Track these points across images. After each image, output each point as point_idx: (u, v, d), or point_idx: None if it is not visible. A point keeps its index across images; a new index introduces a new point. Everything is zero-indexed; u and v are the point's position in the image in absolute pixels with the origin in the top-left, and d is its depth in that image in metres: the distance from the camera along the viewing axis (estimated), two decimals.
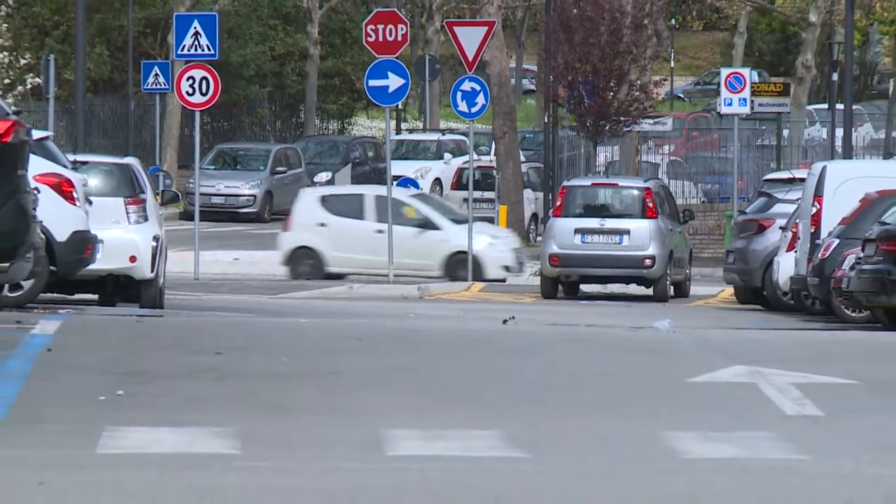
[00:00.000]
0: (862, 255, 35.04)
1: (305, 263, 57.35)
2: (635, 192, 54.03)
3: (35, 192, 25.89)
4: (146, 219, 36.61)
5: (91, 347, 20.88)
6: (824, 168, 43.32)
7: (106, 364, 19.23)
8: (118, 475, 13.50)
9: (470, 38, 57.37)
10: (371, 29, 55.64)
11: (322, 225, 59.70)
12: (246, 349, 22.10)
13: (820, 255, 38.50)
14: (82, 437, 15.04)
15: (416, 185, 68.63)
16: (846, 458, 14.71)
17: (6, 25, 65.19)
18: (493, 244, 58.68)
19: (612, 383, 19.47)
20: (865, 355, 22.42)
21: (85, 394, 17.21)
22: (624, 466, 14.21)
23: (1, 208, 22.21)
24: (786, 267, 42.41)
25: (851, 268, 35.53)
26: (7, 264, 24.43)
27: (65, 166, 32.72)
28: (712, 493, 12.93)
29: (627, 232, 51.40)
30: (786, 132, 72.66)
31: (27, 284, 27.10)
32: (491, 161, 71.88)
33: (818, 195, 40.32)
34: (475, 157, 69.65)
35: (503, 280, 54.71)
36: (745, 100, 61.09)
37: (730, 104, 62.36)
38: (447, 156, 76.18)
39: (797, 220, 42.08)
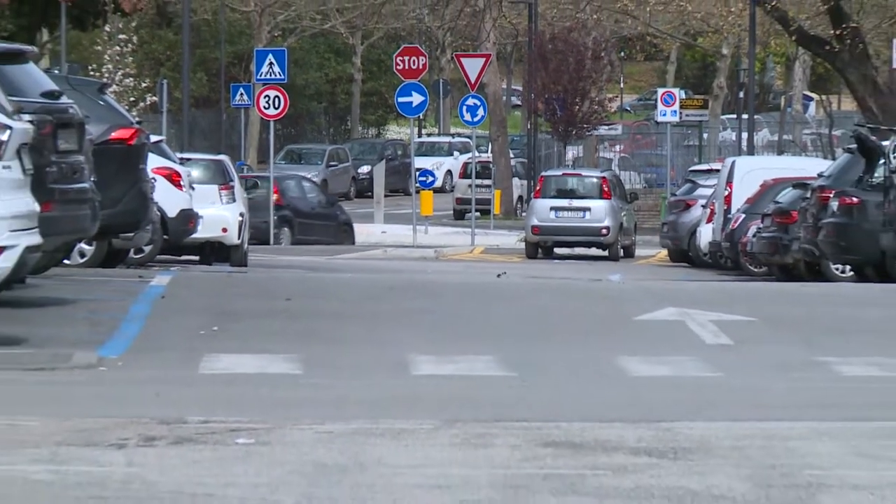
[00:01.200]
0: (761, 225, 35.06)
1: None
2: (594, 179, 54.34)
3: (152, 181, 25.92)
4: (234, 200, 36.70)
5: (194, 295, 20.88)
6: (734, 162, 43.54)
7: (205, 308, 19.22)
8: (214, 390, 13.60)
9: (472, 66, 57.32)
10: (399, 60, 55.58)
11: None
12: (308, 296, 22.08)
13: (731, 226, 38.52)
14: (187, 362, 15.12)
15: (433, 175, 68.56)
16: (750, 374, 14.74)
17: (131, 59, 64.95)
18: None
19: (578, 321, 19.44)
20: (764, 299, 22.31)
21: (189, 330, 17.26)
22: (586, 381, 14.27)
23: (127, 193, 22.20)
24: (705, 235, 42.61)
25: (754, 235, 35.57)
26: (132, 234, 24.43)
27: (174, 162, 32.71)
28: (652, 399, 12.98)
29: (589, 209, 51.54)
30: (705, 135, 72.64)
31: (147, 249, 27.09)
32: (488, 157, 71.72)
33: (729, 182, 40.38)
34: (477, 154, 69.66)
35: None
36: (675, 111, 61.27)
37: (664, 115, 62.58)
38: (456, 153, 76.15)
39: (714, 200, 42.17)
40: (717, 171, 45.68)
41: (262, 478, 9.47)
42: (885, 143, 29.64)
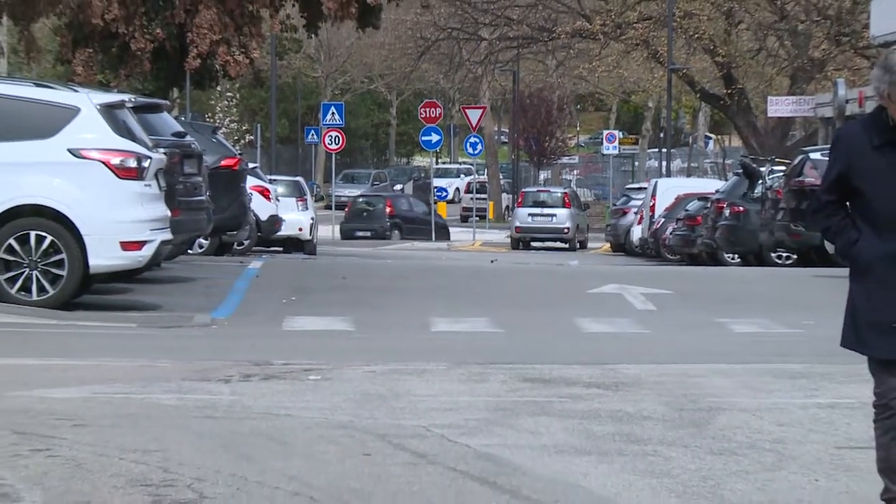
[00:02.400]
0: (676, 226, 35.03)
1: None
2: (559, 194, 54.37)
3: (250, 195, 26.06)
4: (307, 208, 36.73)
5: (278, 275, 20.87)
6: (656, 182, 43.45)
7: (286, 284, 19.21)
8: (292, 341, 13.59)
9: (474, 115, 57.23)
10: (423, 110, 55.42)
11: None
12: (358, 276, 22.06)
13: (654, 227, 38.45)
14: (274, 322, 15.10)
15: (447, 191, 68.98)
16: (668, 331, 14.70)
17: (235, 109, 65.28)
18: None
19: (547, 293, 19.40)
20: (677, 278, 22.30)
21: (275, 299, 17.25)
22: (553, 336, 14.22)
23: (232, 204, 22.27)
24: (636, 233, 42.52)
25: (670, 233, 35.47)
26: (235, 232, 24.51)
27: (265, 182, 32.79)
28: (599, 349, 12.94)
29: (555, 215, 51.46)
30: (636, 163, 72.62)
31: (246, 242, 27.12)
32: (484, 178, 71.78)
33: (653, 195, 40.27)
34: (476, 176, 69.62)
35: None
36: (615, 147, 61.23)
37: (608, 149, 62.43)
38: (462, 176, 76.24)
39: (642, 209, 42.06)
40: (645, 188, 45.67)
41: (326, 403, 9.58)
42: (762, 169, 29.88)
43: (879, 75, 5.27)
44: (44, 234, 14.14)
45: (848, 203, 5.36)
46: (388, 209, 57.45)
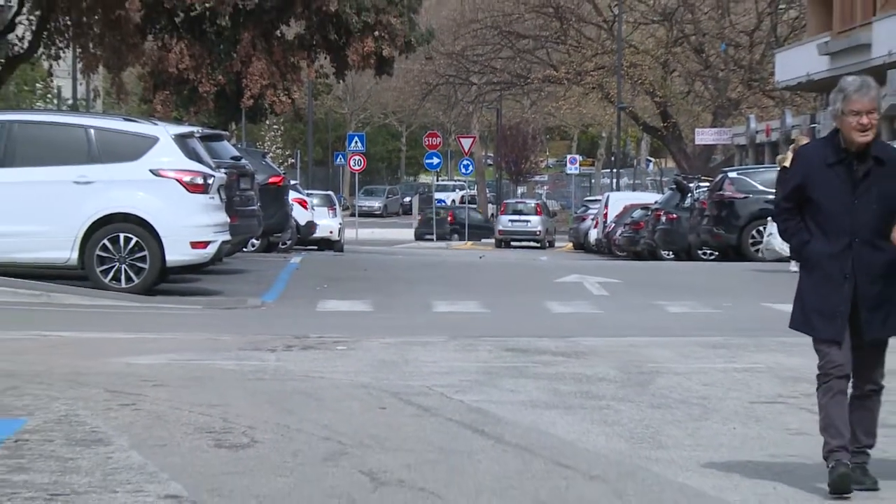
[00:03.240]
0: (624, 230, 34.93)
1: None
2: (532, 204, 54.11)
3: (291, 205, 26.02)
4: (336, 216, 36.62)
5: (314, 268, 20.83)
6: (608, 195, 43.24)
7: (319, 274, 19.16)
8: (324, 320, 13.53)
9: (466, 142, 57.04)
10: (426, 138, 55.22)
11: None
12: (376, 268, 22.04)
13: (607, 230, 38.38)
14: (310, 304, 15.02)
15: (445, 202, 69.05)
16: (618, 311, 14.58)
17: (280, 138, 65.18)
18: None
19: (523, 282, 19.36)
20: (625, 270, 22.24)
21: (311, 286, 17.20)
22: (528, 315, 14.16)
23: (277, 212, 22.21)
24: (593, 235, 42.19)
25: (619, 235, 35.39)
26: (280, 234, 24.46)
27: (304, 195, 32.78)
28: (564, 325, 12.86)
29: (529, 220, 51.19)
30: (593, 181, 72.40)
31: (288, 242, 27.00)
32: (474, 192, 71.72)
33: (606, 206, 40.07)
34: (468, 190, 69.63)
35: None
36: (577, 168, 60.71)
37: (570, 170, 61.95)
38: (457, 190, 75.96)
39: (597, 216, 41.87)
40: (599, 200, 45.46)
41: (350, 368, 9.55)
42: (690, 185, 29.85)
43: (834, 98, 5.23)
44: (131, 235, 14.15)
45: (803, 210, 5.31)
46: (449, 218, 58.00)
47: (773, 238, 19.44)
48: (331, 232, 34.54)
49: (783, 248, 15.33)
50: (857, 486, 5.31)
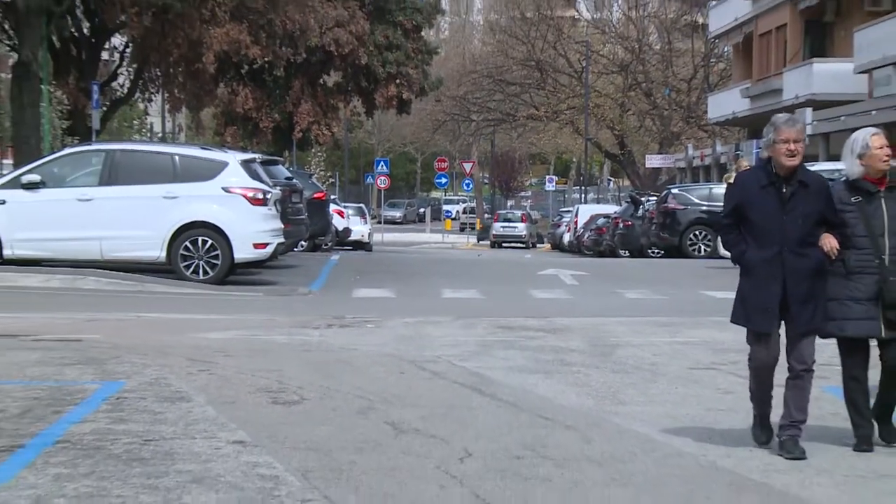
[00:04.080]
0: (590, 234, 34.76)
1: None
2: (519, 214, 53.61)
3: (332, 215, 25.99)
4: (366, 223, 36.55)
5: (350, 263, 20.80)
6: (578, 207, 42.96)
7: (353, 268, 19.14)
8: (358, 303, 13.50)
9: (467, 166, 57.00)
10: (437, 163, 55.11)
11: None
12: (398, 263, 22.00)
13: (577, 234, 38.15)
14: (346, 292, 14.96)
15: (451, 212, 67.95)
16: (586, 297, 14.49)
17: (323, 162, 64.65)
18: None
19: (512, 275, 19.30)
20: (591, 265, 22.06)
21: (347, 277, 17.16)
22: (515, 300, 14.12)
23: (321, 220, 22.19)
24: (567, 237, 41.81)
25: (587, 238, 35.23)
26: (323, 238, 24.42)
27: (341, 206, 32.75)
28: (544, 308, 12.79)
29: (517, 226, 50.84)
30: (566, 196, 72.07)
31: (329, 244, 26.87)
32: (474, 205, 71.45)
33: (576, 215, 39.87)
34: (469, 204, 69.51)
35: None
36: (553, 185, 60.45)
37: (549, 187, 61.71)
38: (461, 203, 75.30)
39: (569, 223, 41.60)
40: (571, 210, 45.27)
41: (377, 341, 9.50)
42: (642, 199, 29.74)
43: (767, 130, 5.15)
44: (207, 238, 14.13)
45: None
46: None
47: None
48: (362, 235, 34.58)
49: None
50: (788, 456, 5.18)
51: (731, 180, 16.47)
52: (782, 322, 5.22)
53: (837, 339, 5.26)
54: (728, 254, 5.71)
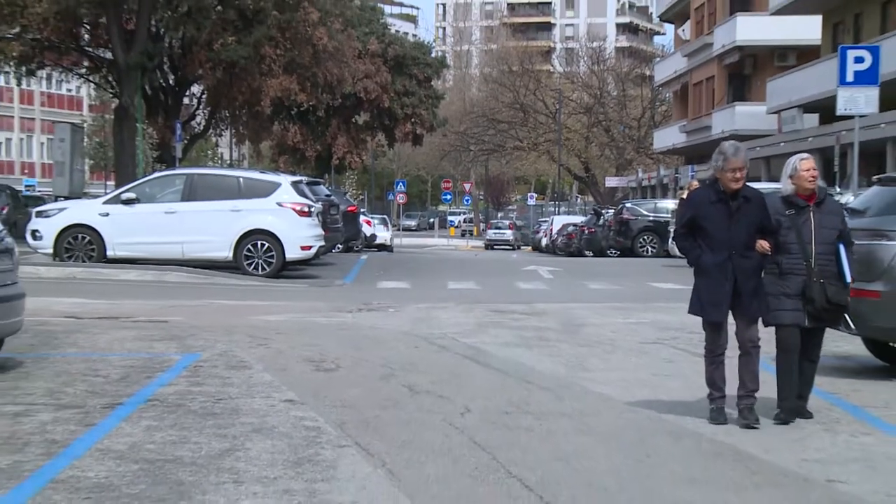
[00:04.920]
0: (563, 238, 34.42)
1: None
2: (507, 223, 53.09)
3: (361, 223, 25.86)
4: (388, 230, 36.16)
5: (376, 261, 20.63)
6: (553, 218, 42.45)
7: (378, 265, 19.00)
8: (382, 293, 13.28)
9: (467, 185, 56.75)
10: (443, 183, 54.79)
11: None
12: (413, 261, 21.83)
13: (552, 238, 37.76)
14: (373, 284, 14.76)
15: (455, 222, 65.76)
16: (559, 288, 14.34)
17: (355, 183, 64.29)
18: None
19: (502, 270, 19.14)
20: (563, 263, 21.77)
21: (374, 272, 16.98)
22: (504, 290, 13.99)
23: (352, 228, 22.05)
24: (544, 241, 41.10)
25: (560, 242, 34.86)
26: (355, 242, 24.27)
27: (368, 217, 32.62)
28: (527, 294, 12.70)
29: (505, 232, 50.29)
30: (543, 209, 71.30)
31: (359, 247, 26.67)
32: (471, 215, 71.00)
33: (552, 224, 39.40)
34: (467, 215, 69.13)
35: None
36: (534, 201, 59.58)
37: (530, 202, 60.69)
38: (462, 214, 74.63)
39: (546, 230, 40.92)
40: (547, 220, 44.69)
41: (397, 322, 9.42)
42: (603, 211, 29.64)
43: (716, 157, 5.01)
44: (264, 242, 14.12)
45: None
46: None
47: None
48: (385, 240, 34.40)
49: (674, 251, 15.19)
50: (743, 423, 4.96)
51: (685, 196, 16.34)
52: (731, 312, 5.07)
53: (776, 326, 5.13)
54: (677, 253, 5.60)
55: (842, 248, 4.97)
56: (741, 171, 4.94)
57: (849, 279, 4.94)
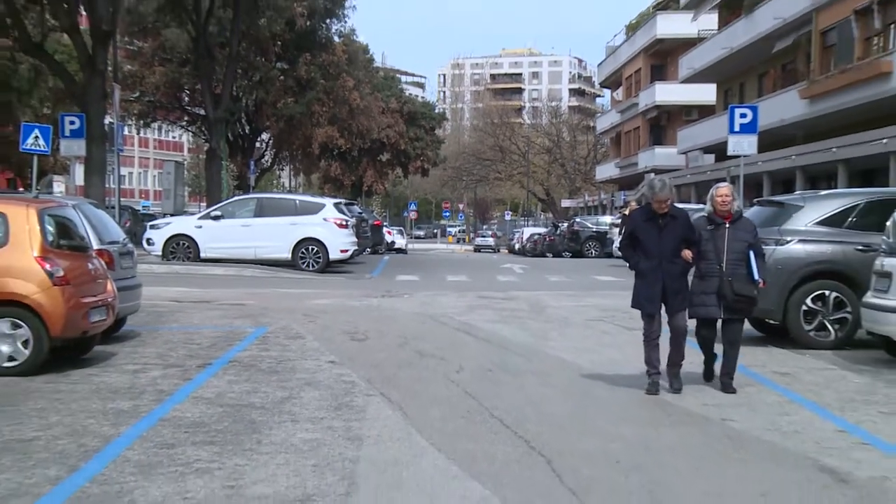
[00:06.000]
0: (530, 244, 33.62)
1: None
2: (490, 232, 51.58)
3: (384, 233, 25.35)
4: (404, 237, 34.79)
5: (396, 261, 20.40)
6: (524, 229, 40.98)
7: (397, 263, 18.75)
8: (399, 283, 13.12)
9: (461, 206, 55.96)
10: (443, 204, 54.50)
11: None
12: (421, 260, 21.64)
13: (523, 244, 36.83)
14: (392, 277, 14.51)
15: (452, 233, 62.23)
16: (529, 280, 14.18)
17: (379, 205, 62.41)
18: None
19: (486, 266, 18.92)
20: (530, 261, 21.75)
21: (393, 269, 16.78)
22: (488, 280, 13.81)
23: (378, 236, 21.77)
24: (517, 246, 40.01)
25: (528, 246, 33.94)
26: (379, 246, 23.88)
27: (390, 228, 32.08)
28: (505, 284, 12.54)
29: (489, 239, 48.72)
30: (517, 222, 69.80)
31: (382, 250, 26.08)
32: (465, 228, 69.89)
33: (522, 234, 38.13)
34: (462, 227, 68.34)
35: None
36: (510, 217, 57.90)
37: (507, 218, 59.34)
38: (457, 226, 73.36)
39: (519, 237, 38.57)
40: (519, 230, 43.41)
41: (409, 305, 9.32)
42: (559, 224, 29.41)
43: (648, 189, 4.89)
44: (314, 246, 13.93)
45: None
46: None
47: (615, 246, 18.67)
48: (401, 245, 33.95)
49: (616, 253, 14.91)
50: (670, 389, 4.72)
51: (627, 213, 16.05)
52: (663, 306, 4.90)
53: (696, 318, 4.98)
54: (618, 254, 5.45)
55: (752, 255, 4.83)
56: (665, 202, 4.83)
57: (757, 277, 4.79)
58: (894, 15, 14.38)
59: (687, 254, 4.82)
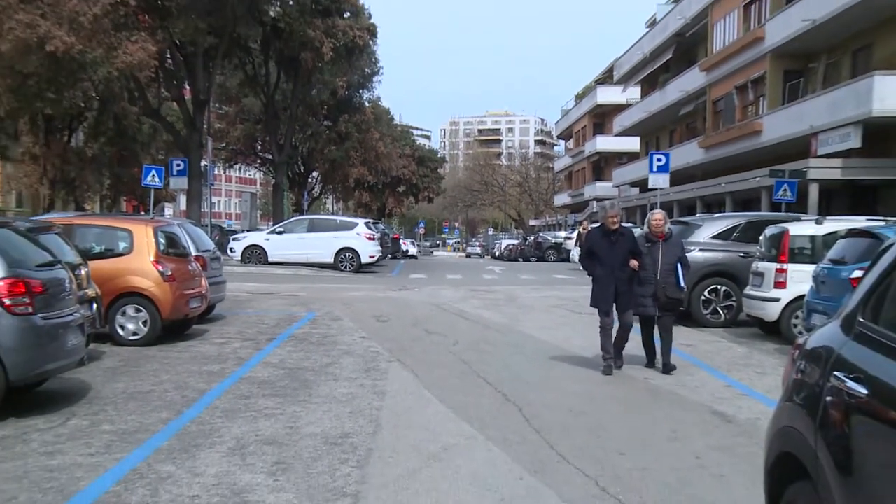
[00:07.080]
0: (507, 251, 31.81)
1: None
2: (478, 243, 48.89)
3: (400, 244, 24.86)
4: (416, 247, 33.21)
5: (408, 265, 19.93)
6: (503, 240, 39.05)
7: (410, 266, 18.33)
8: (410, 281, 12.80)
9: (456, 224, 55.25)
10: (444, 223, 53.90)
11: None
12: (427, 263, 21.11)
13: (501, 251, 35.92)
14: (406, 276, 14.04)
15: (450, 243, 60.10)
16: (506, 279, 13.79)
17: (398, 223, 59.19)
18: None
19: (474, 267, 18.34)
20: (507, 265, 20.84)
21: (408, 271, 16.38)
22: (475, 277, 13.42)
23: (397, 246, 20.74)
24: (498, 253, 38.40)
25: (505, 253, 30.30)
26: (397, 253, 22.55)
27: (406, 241, 31.42)
28: (488, 281, 12.29)
29: (478, 248, 46.27)
30: (498, 236, 54.56)
31: (399, 257, 24.80)
32: (461, 241, 68.76)
33: (500, 245, 37.11)
34: (457, 239, 67.10)
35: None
36: (492, 232, 56.13)
37: (490, 233, 57.88)
38: (454, 239, 72.06)
39: (499, 247, 37.83)
40: (500, 241, 41.40)
41: (419, 295, 9.19)
42: (528, 238, 28.97)
43: (601, 209, 4.81)
44: (350, 254, 13.81)
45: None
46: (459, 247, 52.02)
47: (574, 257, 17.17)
48: (414, 252, 33.40)
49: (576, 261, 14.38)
50: (617, 368, 4.51)
51: (585, 230, 15.61)
52: (614, 305, 4.55)
53: (639, 316, 4.84)
54: (574, 259, 5.32)
55: (679, 267, 4.76)
56: (615, 218, 4.71)
57: (682, 285, 4.73)
58: (763, 90, 15.09)
59: (634, 263, 4.70)
